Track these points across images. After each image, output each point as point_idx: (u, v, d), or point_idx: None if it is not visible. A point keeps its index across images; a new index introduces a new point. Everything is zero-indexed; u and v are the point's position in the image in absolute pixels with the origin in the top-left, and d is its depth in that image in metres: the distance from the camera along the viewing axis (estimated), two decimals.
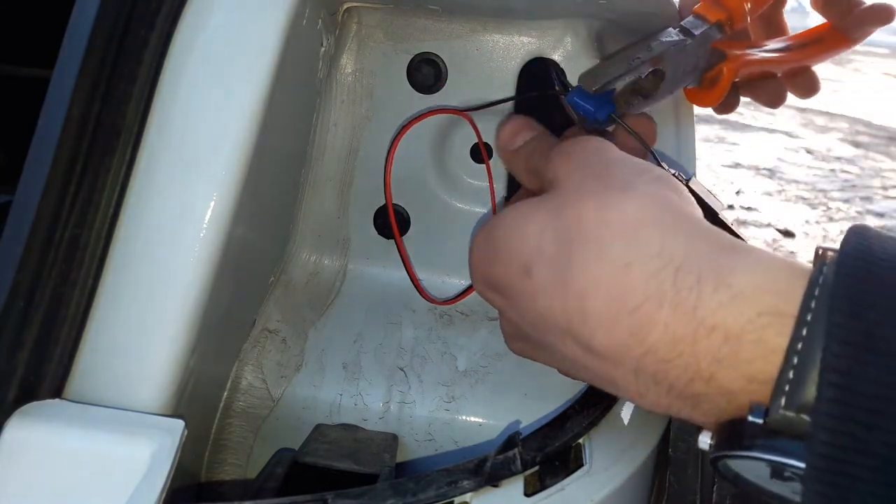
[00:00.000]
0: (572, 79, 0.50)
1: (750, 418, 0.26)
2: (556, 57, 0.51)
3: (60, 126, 0.35)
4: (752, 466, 0.26)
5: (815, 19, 0.51)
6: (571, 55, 0.51)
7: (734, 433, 0.26)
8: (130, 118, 0.36)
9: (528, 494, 0.38)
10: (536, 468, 0.40)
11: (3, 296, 0.34)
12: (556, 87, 0.47)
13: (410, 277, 0.55)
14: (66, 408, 0.35)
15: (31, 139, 0.36)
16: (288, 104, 0.43)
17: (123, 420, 0.35)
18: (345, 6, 0.50)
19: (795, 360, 0.25)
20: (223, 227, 0.36)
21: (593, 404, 0.44)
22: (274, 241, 0.51)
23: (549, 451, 0.40)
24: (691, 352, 0.27)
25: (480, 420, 0.50)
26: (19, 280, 0.34)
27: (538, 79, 0.52)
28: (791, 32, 0.51)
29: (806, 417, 0.24)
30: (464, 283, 0.56)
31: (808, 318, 0.25)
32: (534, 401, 0.50)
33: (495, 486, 0.38)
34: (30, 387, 0.34)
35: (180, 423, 0.35)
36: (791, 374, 0.25)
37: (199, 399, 0.42)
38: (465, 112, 0.52)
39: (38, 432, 0.33)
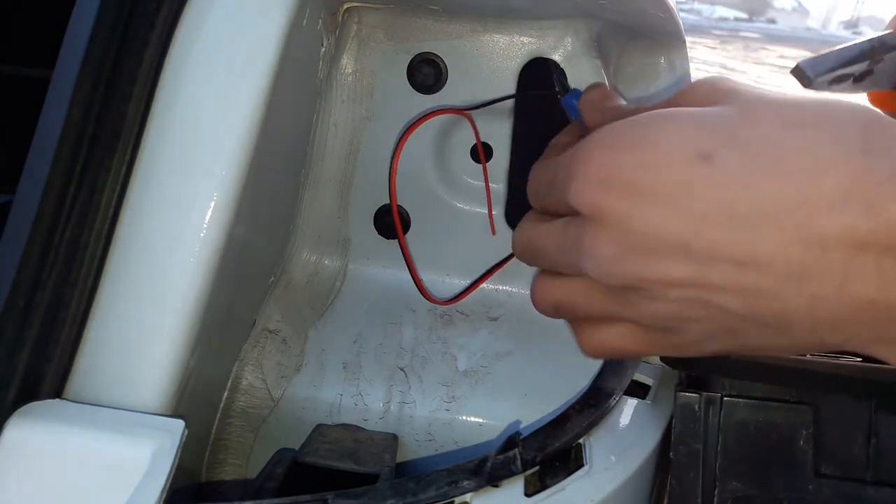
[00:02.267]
0: (572, 78, 0.50)
1: None
2: (556, 57, 0.51)
3: (60, 126, 0.35)
4: None
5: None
6: (571, 55, 0.51)
7: None
8: (130, 118, 0.36)
9: (528, 494, 0.38)
10: (537, 468, 0.40)
11: (3, 296, 0.34)
12: (557, 88, 0.47)
13: (413, 278, 0.55)
14: (66, 408, 0.35)
15: (31, 139, 0.36)
16: (288, 104, 0.43)
17: (123, 420, 0.35)
18: (345, 6, 0.50)
19: None
20: (223, 227, 0.36)
21: (594, 405, 0.44)
22: (274, 241, 0.51)
23: (550, 451, 0.40)
24: None
25: (480, 420, 0.50)
26: (19, 280, 0.34)
27: (538, 79, 0.52)
28: None
29: None
30: (464, 282, 0.56)
31: None
32: (534, 401, 0.50)
33: (495, 486, 0.38)
34: (30, 387, 0.34)
35: (180, 423, 0.35)
36: None
37: (199, 399, 0.42)
38: (466, 111, 0.52)
39: (38, 432, 0.33)
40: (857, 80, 0.43)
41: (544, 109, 0.52)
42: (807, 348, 0.28)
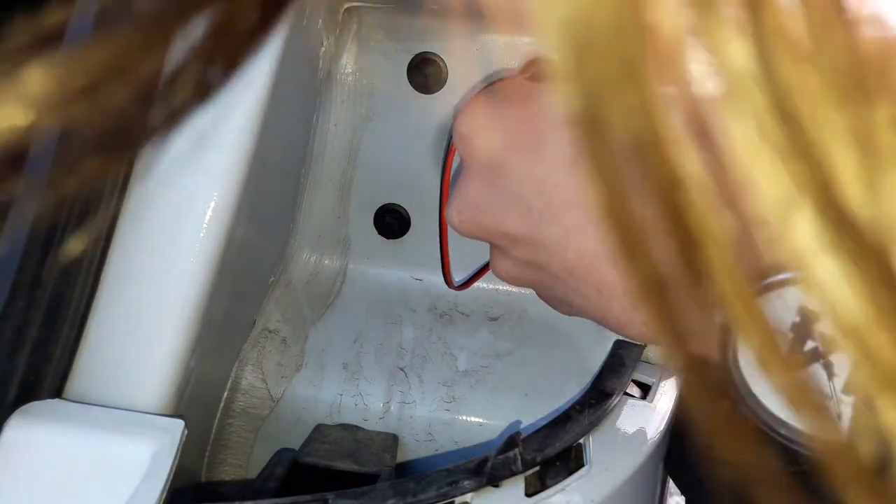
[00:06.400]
0: None
1: None
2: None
3: None
4: None
5: None
6: None
7: None
8: None
9: (528, 495, 0.38)
10: (537, 468, 0.40)
11: (3, 296, 0.34)
12: None
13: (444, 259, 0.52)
14: (66, 408, 0.34)
15: None
16: (288, 104, 0.43)
17: (123, 420, 0.35)
18: (345, 6, 0.50)
19: None
20: (223, 227, 0.36)
21: (594, 405, 0.44)
22: (274, 241, 0.51)
23: (550, 451, 0.40)
24: None
25: (481, 420, 0.50)
26: (19, 280, 0.34)
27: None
28: None
29: None
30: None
31: None
32: (534, 401, 0.50)
33: (496, 486, 0.38)
34: (30, 387, 0.34)
35: (180, 423, 0.35)
36: None
37: (199, 399, 0.42)
38: None
39: (38, 432, 0.33)
40: None
41: None
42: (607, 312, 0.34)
